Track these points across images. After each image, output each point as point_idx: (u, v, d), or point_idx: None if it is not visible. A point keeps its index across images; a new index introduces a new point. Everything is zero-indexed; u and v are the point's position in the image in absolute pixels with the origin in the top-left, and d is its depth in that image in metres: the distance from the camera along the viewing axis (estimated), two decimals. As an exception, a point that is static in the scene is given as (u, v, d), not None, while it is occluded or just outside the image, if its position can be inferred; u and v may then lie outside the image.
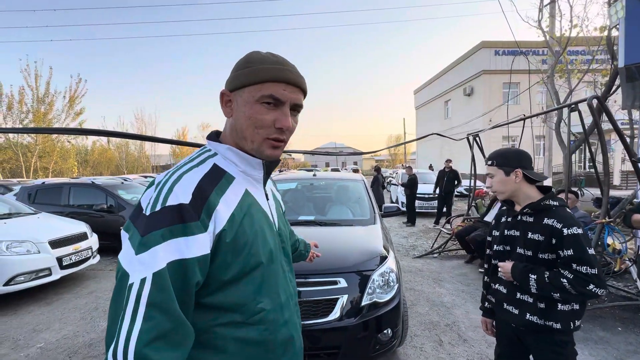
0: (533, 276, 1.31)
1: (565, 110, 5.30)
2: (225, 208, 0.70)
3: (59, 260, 4.03)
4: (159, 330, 0.58)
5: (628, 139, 6.27)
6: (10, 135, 20.25)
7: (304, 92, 0.81)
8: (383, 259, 2.29)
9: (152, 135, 33.77)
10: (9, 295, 3.74)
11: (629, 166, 17.72)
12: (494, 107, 17.30)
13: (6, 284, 3.57)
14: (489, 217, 4.91)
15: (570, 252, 1.24)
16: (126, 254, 0.64)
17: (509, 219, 1.49)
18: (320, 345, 1.94)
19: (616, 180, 16.96)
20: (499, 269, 1.46)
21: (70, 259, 4.19)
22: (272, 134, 0.75)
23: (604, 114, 3.59)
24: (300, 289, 1.99)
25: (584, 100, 3.11)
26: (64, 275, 4.13)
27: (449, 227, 6.36)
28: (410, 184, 8.55)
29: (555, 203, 1.36)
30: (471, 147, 5.86)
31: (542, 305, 1.34)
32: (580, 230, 1.26)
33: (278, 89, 0.74)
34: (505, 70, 17.57)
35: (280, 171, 12.48)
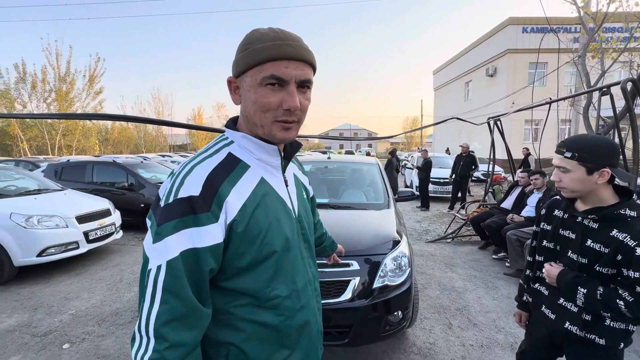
0: (582, 290, 1.17)
1: (596, 94, 5.01)
2: (236, 198, 0.70)
3: (86, 234, 4.25)
4: (174, 313, 0.64)
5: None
6: (35, 112, 21.02)
7: (312, 66, 0.74)
8: (396, 243, 2.31)
9: (169, 115, 34.20)
10: (42, 265, 4.02)
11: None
12: (517, 89, 16.50)
13: (39, 255, 3.82)
14: (506, 204, 4.81)
15: (638, 275, 1.07)
16: (147, 241, 0.69)
17: (566, 216, 1.29)
18: (332, 323, 2.01)
19: (645, 167, 16.10)
20: (544, 271, 1.32)
21: (96, 234, 4.42)
22: (280, 116, 0.72)
23: (638, 97, 3.38)
24: (314, 270, 2.05)
25: (618, 83, 2.93)
26: (91, 249, 4.37)
27: (464, 212, 6.29)
28: (425, 168, 8.42)
29: (633, 214, 1.13)
30: (491, 132, 5.68)
31: (587, 317, 1.21)
32: None
33: (279, 67, 0.69)
34: (532, 49, 16.60)
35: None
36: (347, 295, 2.04)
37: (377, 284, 2.11)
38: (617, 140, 3.15)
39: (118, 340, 2.62)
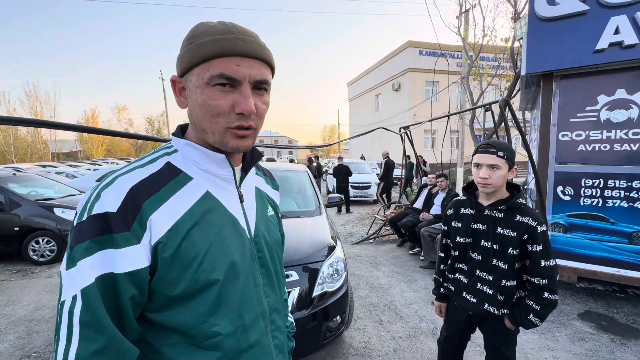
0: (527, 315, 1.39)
1: (479, 109, 6.09)
2: (165, 216, 0.60)
3: None
4: (95, 350, 0.53)
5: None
6: None
7: (269, 66, 0.66)
8: (331, 249, 2.36)
9: (51, 117, 28.65)
10: None
11: (520, 157, 21.35)
12: (417, 103, 18.96)
13: None
14: (418, 204, 5.41)
15: (540, 247, 1.33)
16: (62, 268, 0.58)
17: (474, 212, 1.48)
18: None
19: (510, 169, 20.27)
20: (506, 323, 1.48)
21: (-57, 271, 3.33)
22: (233, 121, 0.62)
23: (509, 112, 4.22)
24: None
25: (496, 102, 3.61)
26: None
27: (383, 214, 6.86)
28: (339, 173, 8.67)
29: (523, 202, 1.42)
30: (403, 140, 6.36)
31: (500, 298, 1.43)
32: (545, 227, 1.37)
33: (229, 65, 0.60)
34: (428, 69, 19.33)
35: None
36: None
37: (316, 291, 2.11)
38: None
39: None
